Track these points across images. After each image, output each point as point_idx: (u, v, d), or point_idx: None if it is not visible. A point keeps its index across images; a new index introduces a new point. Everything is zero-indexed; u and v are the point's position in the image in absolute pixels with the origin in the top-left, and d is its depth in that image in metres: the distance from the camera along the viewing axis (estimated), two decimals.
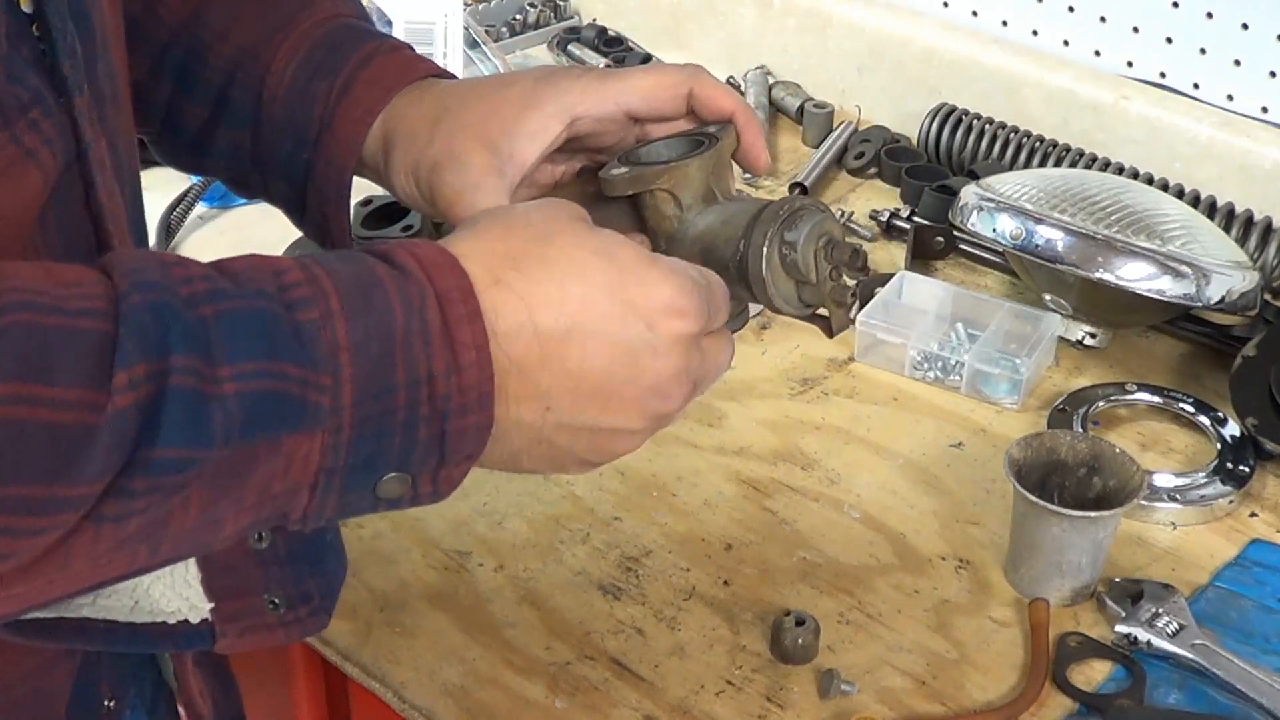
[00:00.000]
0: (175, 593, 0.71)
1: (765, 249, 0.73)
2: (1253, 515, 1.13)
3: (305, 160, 0.85)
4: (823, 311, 0.77)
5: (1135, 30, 1.51)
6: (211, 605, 0.71)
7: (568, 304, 0.64)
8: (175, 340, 0.56)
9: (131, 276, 0.57)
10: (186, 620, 0.71)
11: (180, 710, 0.86)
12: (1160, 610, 1.00)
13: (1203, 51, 1.46)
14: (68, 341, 0.54)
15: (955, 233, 1.38)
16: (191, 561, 0.70)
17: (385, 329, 0.60)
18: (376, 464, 0.61)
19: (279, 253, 1.27)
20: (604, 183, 0.78)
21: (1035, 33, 1.59)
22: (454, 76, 0.88)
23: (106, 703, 0.79)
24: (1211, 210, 1.39)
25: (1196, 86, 1.48)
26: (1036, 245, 1.21)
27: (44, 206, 0.65)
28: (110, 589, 0.69)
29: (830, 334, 0.79)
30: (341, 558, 0.75)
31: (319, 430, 0.59)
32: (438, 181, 0.80)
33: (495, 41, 1.78)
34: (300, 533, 0.68)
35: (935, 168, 1.54)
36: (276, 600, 0.72)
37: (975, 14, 1.63)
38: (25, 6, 0.64)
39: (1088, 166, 1.46)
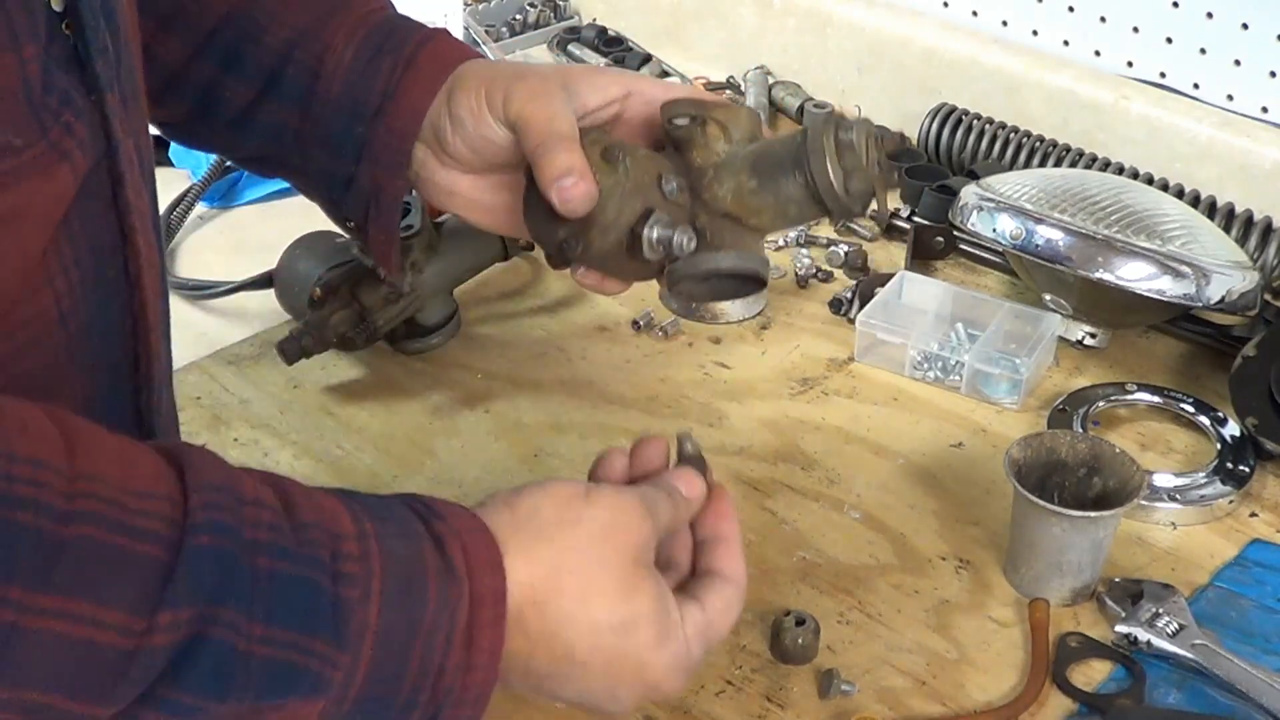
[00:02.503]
0: None
1: (824, 135, 0.81)
2: (1253, 515, 1.13)
3: (360, 134, 0.88)
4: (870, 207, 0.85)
5: (1135, 30, 1.51)
6: None
7: (571, 666, 0.70)
8: (228, 592, 0.58)
9: (207, 511, 0.58)
10: None
11: None
12: (1160, 610, 1.00)
13: (1203, 51, 1.46)
14: (125, 565, 0.55)
15: (955, 233, 1.38)
16: None
17: (415, 620, 0.63)
18: None
19: (279, 252, 1.27)
20: (666, 107, 0.85)
21: (1035, 33, 1.59)
22: None
23: None
24: (1211, 210, 1.39)
25: (1196, 86, 1.48)
26: (1036, 245, 1.21)
27: (71, 205, 0.65)
28: None
29: (882, 219, 0.87)
30: None
31: (322, 700, 0.61)
32: (512, 89, 0.84)
33: (495, 41, 1.78)
34: None
35: (935, 168, 1.54)
36: None
37: (975, 14, 1.63)
38: (56, 5, 0.64)
39: (1088, 166, 1.46)
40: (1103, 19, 1.53)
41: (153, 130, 1.36)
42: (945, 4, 1.64)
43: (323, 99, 0.89)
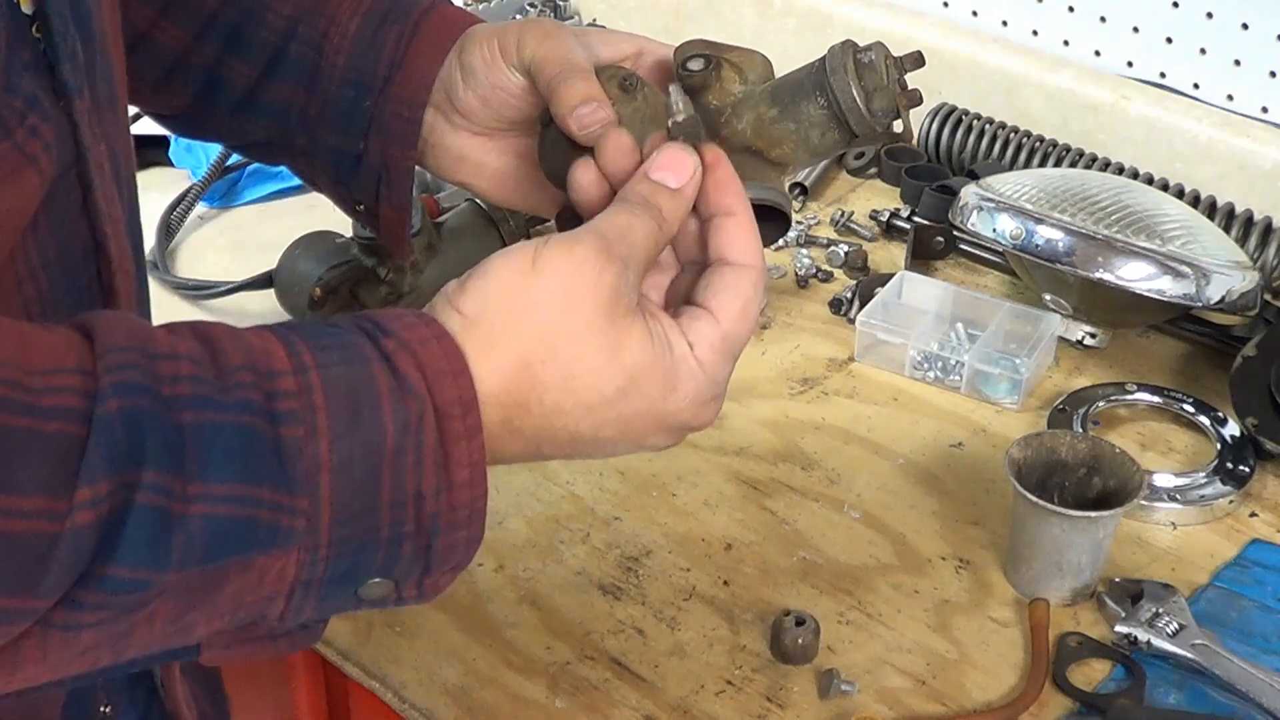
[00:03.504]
0: None
1: (842, 52, 0.81)
2: (1253, 515, 1.13)
3: (368, 107, 0.88)
4: (895, 126, 0.84)
5: (1135, 30, 1.51)
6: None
7: (576, 440, 0.65)
8: (148, 453, 0.54)
9: (114, 373, 0.55)
10: None
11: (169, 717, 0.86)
12: (1160, 610, 1.00)
13: (1203, 51, 1.46)
14: (34, 447, 0.52)
15: (955, 233, 1.37)
16: None
17: (373, 447, 0.58)
18: (357, 575, 0.60)
19: (279, 252, 1.27)
20: (680, 50, 0.84)
21: (1035, 33, 1.59)
22: None
23: (103, 709, 0.78)
24: (1211, 210, 1.39)
25: (1196, 86, 1.48)
26: (1036, 245, 1.21)
27: (38, 210, 0.65)
28: None
29: (908, 139, 0.86)
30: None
31: (293, 549, 0.58)
32: (525, 33, 0.83)
33: None
34: None
35: (935, 168, 1.54)
36: None
37: (975, 14, 1.63)
38: (26, 7, 0.64)
39: (1088, 166, 1.46)
40: (1103, 19, 1.53)
41: (148, 130, 1.37)
42: (945, 4, 1.64)
43: (328, 75, 0.89)
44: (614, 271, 0.65)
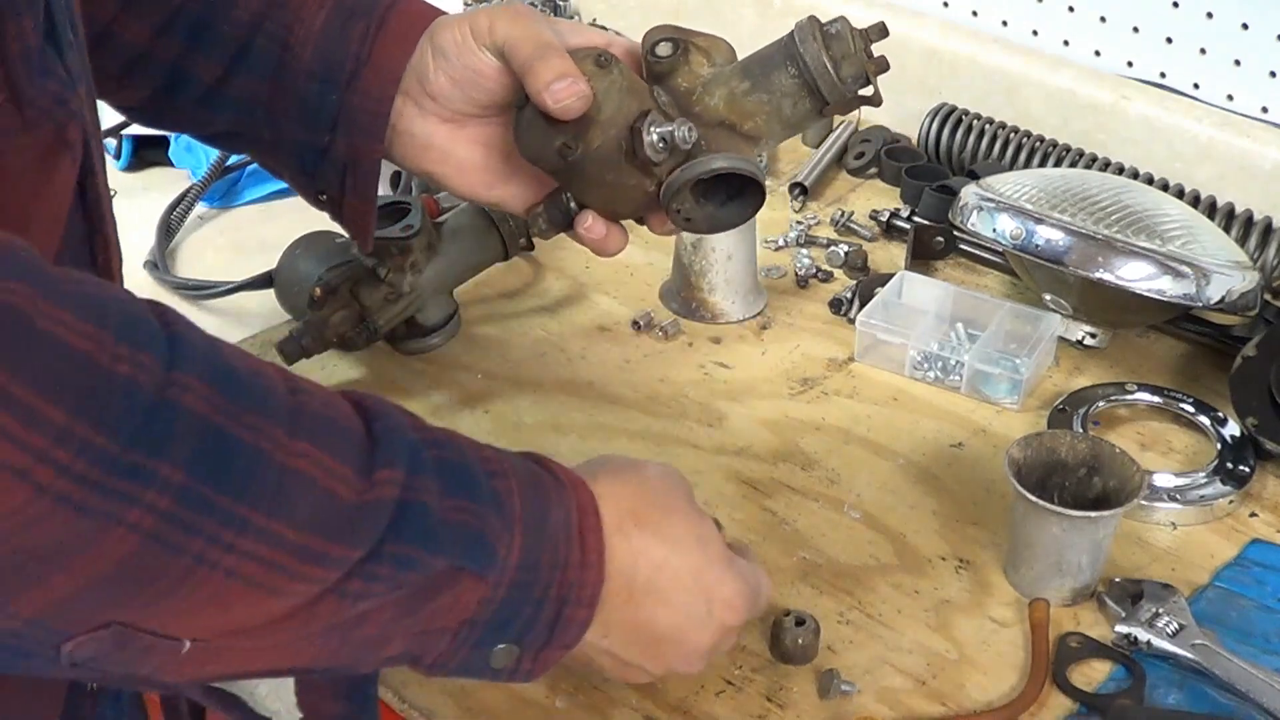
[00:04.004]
0: (279, 696, 0.83)
1: (810, 25, 0.85)
2: (1253, 515, 1.13)
3: (335, 100, 0.90)
4: (864, 92, 0.89)
5: (1135, 30, 1.51)
6: (301, 717, 0.80)
7: (664, 571, 0.77)
8: (418, 465, 0.65)
9: (378, 410, 0.66)
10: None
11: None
12: (1160, 610, 1.00)
13: (1203, 51, 1.46)
14: (342, 431, 0.63)
15: (955, 233, 1.38)
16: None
17: (544, 516, 0.71)
18: (506, 629, 0.70)
19: (279, 252, 1.28)
20: (647, 36, 0.88)
21: (1035, 33, 1.59)
22: None
23: (90, 684, 0.81)
24: (1211, 210, 1.39)
25: (1196, 86, 1.48)
26: (1036, 245, 1.21)
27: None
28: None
29: (878, 103, 0.90)
30: (376, 712, 0.83)
31: (489, 577, 0.68)
32: (496, 16, 0.87)
33: None
34: (359, 679, 0.79)
35: (935, 168, 1.54)
36: None
37: (975, 14, 1.63)
38: None
39: (1088, 166, 1.46)
40: (1103, 19, 1.53)
41: (148, 130, 1.37)
42: (945, 4, 1.64)
43: (293, 69, 0.90)
44: (689, 484, 0.83)
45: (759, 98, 0.85)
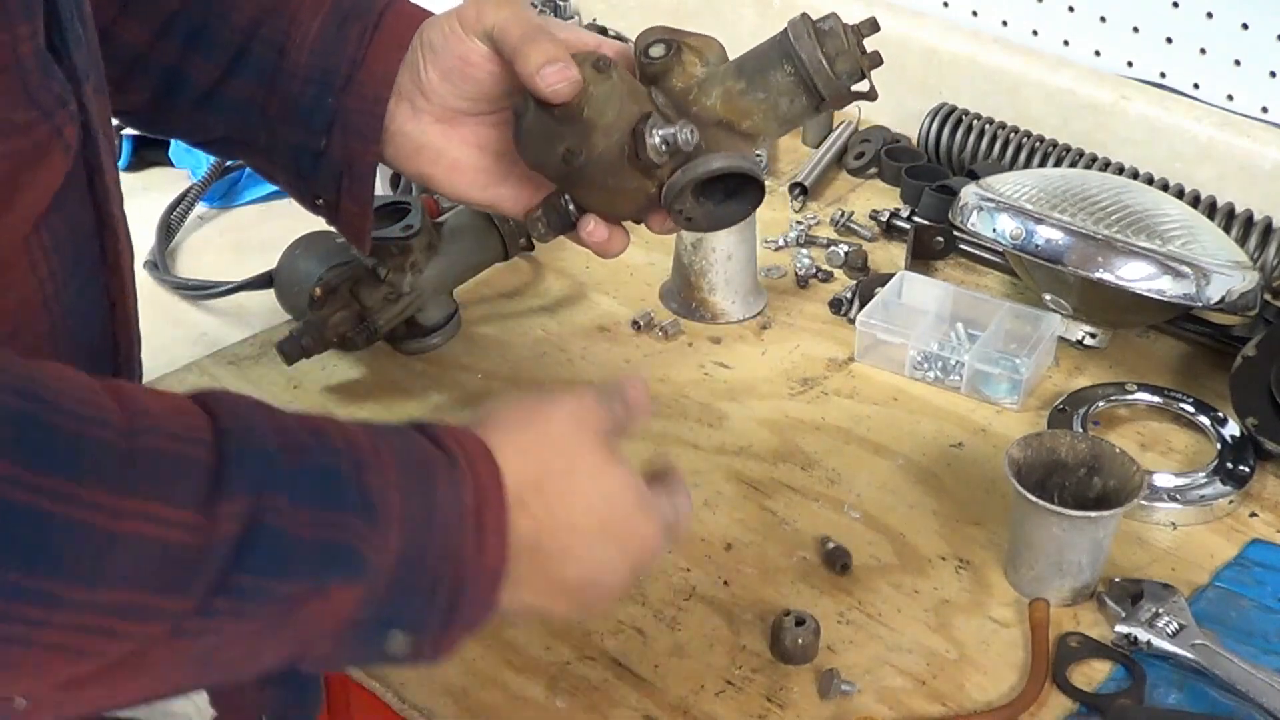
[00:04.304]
0: (186, 699, 0.77)
1: (802, 23, 0.86)
2: (1253, 515, 1.13)
3: (331, 105, 0.89)
4: (859, 87, 0.89)
5: (1135, 30, 1.51)
6: (215, 715, 0.77)
7: (569, 533, 0.73)
8: (270, 481, 0.62)
9: (237, 418, 0.63)
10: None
11: None
12: (1160, 610, 1.00)
13: (1203, 51, 1.46)
14: (184, 467, 0.60)
15: (955, 233, 1.38)
16: None
17: (430, 506, 0.67)
18: (394, 622, 0.67)
19: (279, 252, 1.28)
20: (640, 38, 0.88)
21: (1035, 33, 1.59)
22: None
23: None
24: (1211, 210, 1.39)
25: (1196, 86, 1.48)
26: (1036, 245, 1.21)
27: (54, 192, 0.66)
28: None
29: (873, 97, 0.88)
30: (320, 690, 0.82)
31: (361, 584, 0.64)
32: (485, 5, 0.87)
33: None
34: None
35: (935, 168, 1.54)
36: (266, 718, 0.79)
37: (975, 14, 1.63)
38: None
39: (1088, 166, 1.46)
40: (1103, 19, 1.53)
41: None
42: (945, 4, 1.64)
43: (290, 73, 0.90)
44: (605, 412, 0.76)
45: (756, 96, 0.85)
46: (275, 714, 0.79)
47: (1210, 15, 1.44)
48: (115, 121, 0.83)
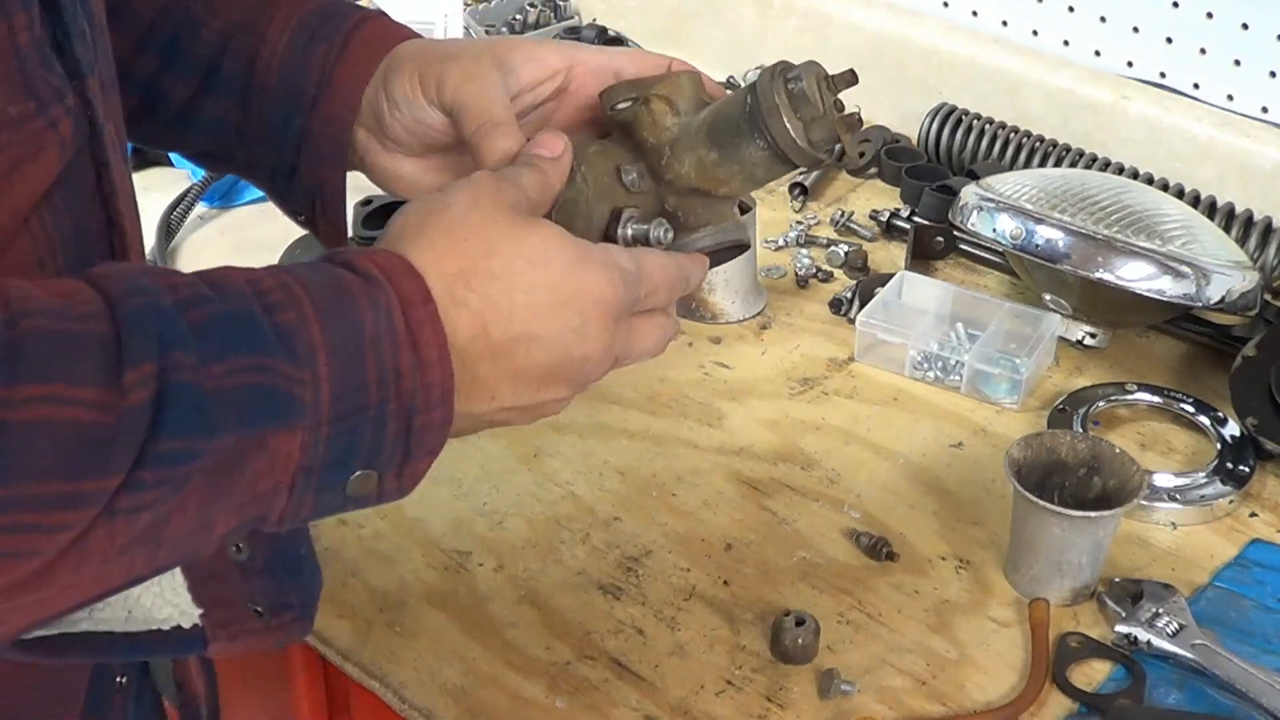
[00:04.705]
0: (165, 600, 0.73)
1: (772, 87, 0.79)
2: (1253, 515, 1.13)
3: (299, 124, 0.88)
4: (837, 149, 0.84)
5: (1135, 30, 1.51)
6: (201, 611, 0.73)
7: (515, 314, 0.69)
8: (173, 340, 0.58)
9: (124, 284, 0.60)
10: (179, 626, 0.73)
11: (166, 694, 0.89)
12: (1160, 610, 1.00)
13: (1203, 51, 1.46)
14: (80, 344, 0.57)
15: (955, 233, 1.38)
16: (177, 571, 0.72)
17: (356, 329, 0.63)
18: (349, 460, 0.64)
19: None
20: (605, 95, 0.83)
21: (1035, 33, 1.59)
22: None
23: (119, 679, 0.81)
24: (1211, 210, 1.39)
25: (1196, 86, 1.48)
26: (1036, 245, 1.21)
27: (54, 186, 0.66)
28: (104, 602, 0.70)
29: (843, 161, 0.84)
30: (316, 570, 0.77)
31: (300, 427, 0.61)
32: (446, 72, 0.84)
33: None
34: (277, 546, 0.72)
35: (935, 168, 1.54)
36: (260, 609, 0.75)
37: (975, 14, 1.63)
38: None
39: (1088, 166, 1.46)
40: (1103, 19, 1.53)
41: None
42: (945, 4, 1.64)
43: (260, 91, 0.89)
44: (509, 189, 0.72)
45: (730, 167, 0.82)
46: (269, 604, 0.75)
47: (1210, 15, 1.44)
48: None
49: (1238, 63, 1.44)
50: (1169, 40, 1.49)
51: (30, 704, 0.74)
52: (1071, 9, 1.55)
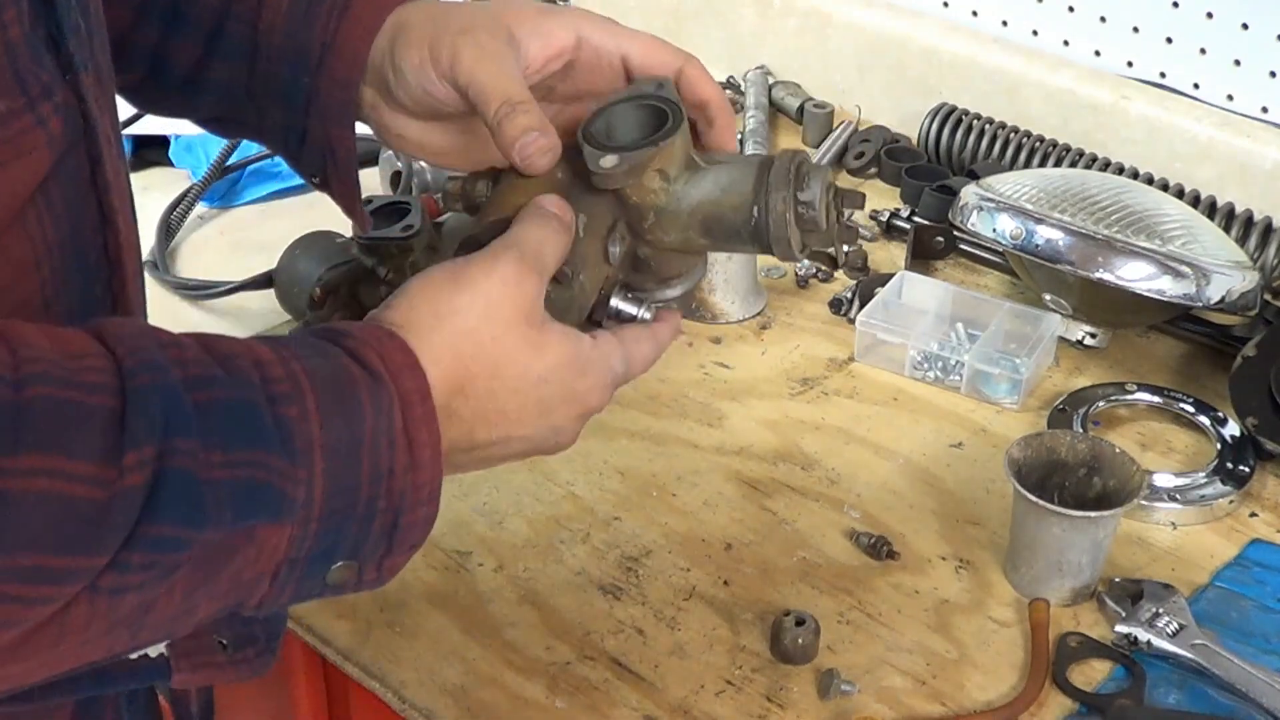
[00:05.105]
0: None
1: (786, 214, 0.77)
2: (1253, 515, 1.13)
3: (306, 84, 0.87)
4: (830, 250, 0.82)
5: (1135, 30, 1.51)
6: (167, 642, 0.74)
7: (505, 420, 0.71)
8: (177, 424, 0.58)
9: (135, 355, 0.59)
10: (146, 655, 0.75)
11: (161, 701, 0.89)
12: (1160, 610, 1.00)
13: (1203, 51, 1.46)
14: (84, 418, 0.57)
15: (955, 233, 1.38)
16: None
17: (356, 432, 0.63)
18: (333, 554, 0.65)
19: (279, 253, 1.28)
20: (598, 177, 0.79)
21: (1035, 33, 1.59)
22: None
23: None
24: (1211, 210, 1.39)
25: (1196, 86, 1.48)
26: (1036, 245, 1.21)
27: (48, 184, 0.66)
28: None
29: (836, 267, 0.83)
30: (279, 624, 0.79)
31: (290, 522, 0.62)
32: (459, 48, 0.82)
33: None
34: None
35: (935, 168, 1.54)
36: (225, 641, 0.76)
37: (975, 14, 1.63)
38: None
39: (1088, 166, 1.46)
40: (1103, 19, 1.53)
41: (148, 130, 1.36)
42: (945, 4, 1.64)
43: (266, 52, 0.88)
44: (532, 284, 0.72)
45: (716, 248, 0.82)
46: (234, 637, 0.76)
47: (1210, 15, 1.44)
48: (125, 115, 0.82)
49: (1238, 63, 1.44)
50: (1169, 40, 1.49)
51: (18, 704, 0.74)
52: (1071, 9, 1.55)
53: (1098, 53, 1.55)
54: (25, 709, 0.73)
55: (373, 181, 1.46)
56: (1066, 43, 1.57)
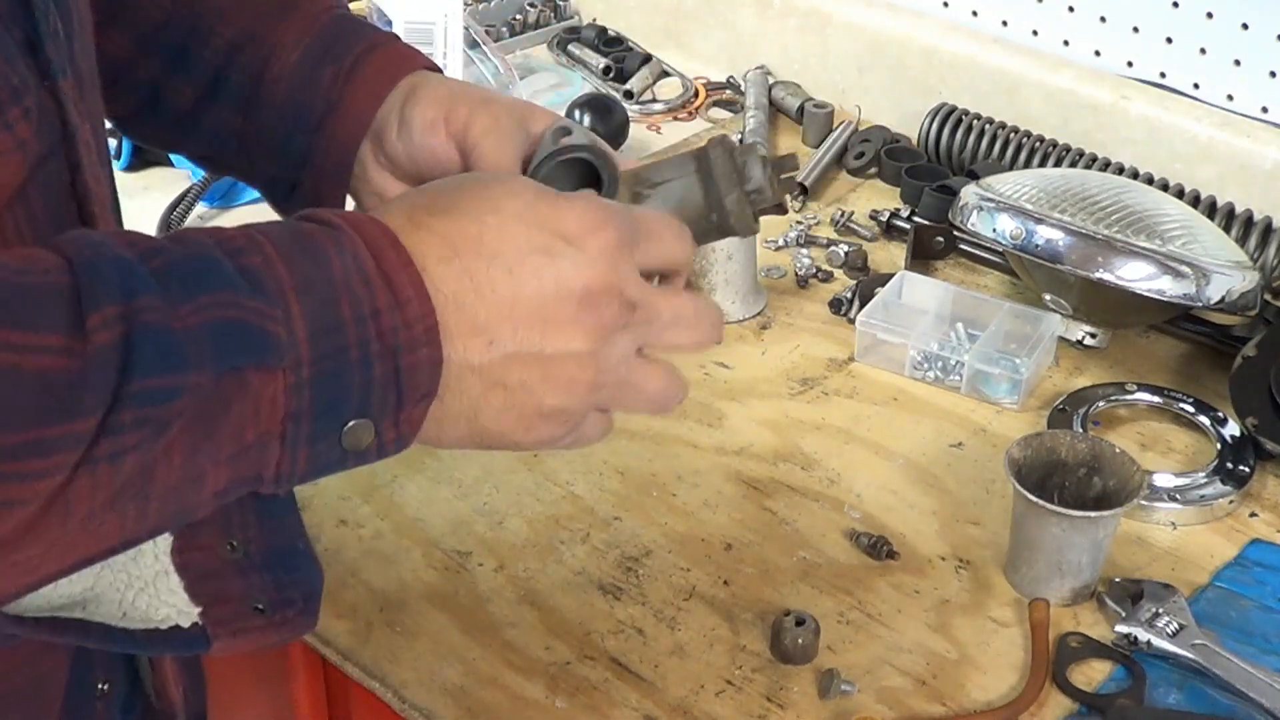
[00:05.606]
0: (161, 600, 0.71)
1: (742, 207, 0.81)
2: (1253, 515, 1.13)
3: (302, 142, 0.88)
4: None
5: (1135, 30, 1.51)
6: (200, 609, 0.72)
7: (486, 236, 0.66)
8: (136, 285, 0.58)
9: (82, 242, 0.59)
10: (178, 626, 0.72)
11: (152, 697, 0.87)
12: (1160, 610, 1.00)
13: (1203, 51, 1.46)
14: (39, 294, 0.56)
15: (955, 233, 1.38)
16: (171, 570, 0.71)
17: (324, 270, 0.62)
18: (339, 407, 0.62)
19: None
20: (554, 127, 0.83)
21: (1035, 33, 1.59)
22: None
23: (101, 686, 0.80)
24: (1211, 210, 1.39)
25: (1196, 86, 1.48)
26: (1036, 245, 1.21)
27: (26, 191, 0.65)
28: (96, 598, 0.69)
29: (784, 212, 0.85)
30: (316, 566, 0.76)
31: (280, 367, 0.60)
32: (475, 115, 0.84)
33: (495, 41, 1.78)
34: (272, 541, 0.71)
35: (935, 168, 1.54)
36: (261, 605, 0.73)
37: (975, 14, 1.63)
38: None
39: (1088, 166, 1.46)
40: (1103, 19, 1.53)
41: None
42: (945, 4, 1.64)
43: (267, 105, 0.88)
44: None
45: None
46: (270, 600, 0.73)
47: (1210, 15, 1.44)
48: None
49: (1238, 63, 1.44)
50: (1169, 40, 1.49)
51: (4, 708, 0.74)
52: (1071, 9, 1.55)
53: (1098, 53, 1.55)
54: (26, 654, 0.72)
55: None
56: (1066, 43, 1.57)
